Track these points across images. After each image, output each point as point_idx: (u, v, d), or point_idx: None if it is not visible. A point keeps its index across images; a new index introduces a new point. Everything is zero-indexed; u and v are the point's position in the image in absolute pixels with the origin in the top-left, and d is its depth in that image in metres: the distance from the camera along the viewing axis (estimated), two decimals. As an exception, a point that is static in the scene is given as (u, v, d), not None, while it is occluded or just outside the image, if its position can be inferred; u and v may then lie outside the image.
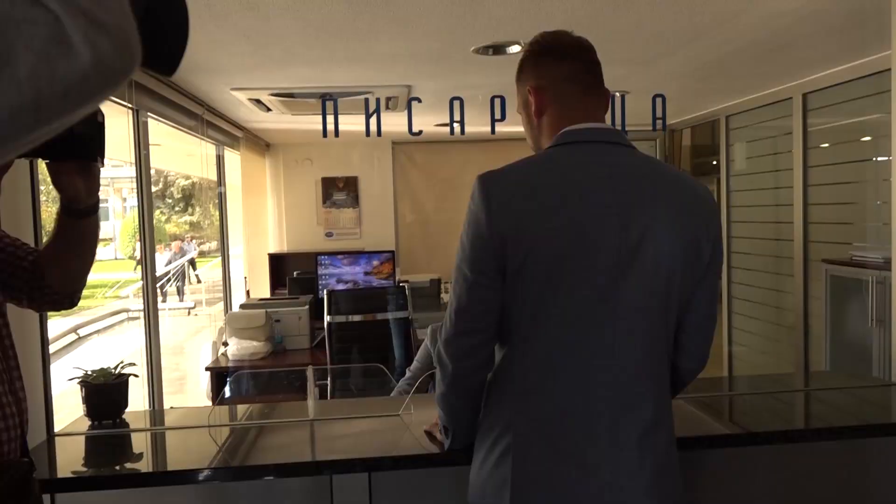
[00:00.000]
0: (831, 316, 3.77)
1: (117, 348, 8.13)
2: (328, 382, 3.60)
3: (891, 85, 2.11)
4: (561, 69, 1.40)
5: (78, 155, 1.18)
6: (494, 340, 1.36)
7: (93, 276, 1.41)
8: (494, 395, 1.37)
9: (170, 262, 12.85)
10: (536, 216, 1.28)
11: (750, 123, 4.68)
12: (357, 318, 3.93)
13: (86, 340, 8.85)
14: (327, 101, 2.51)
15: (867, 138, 3.70)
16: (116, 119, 3.12)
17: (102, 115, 1.16)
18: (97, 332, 9.53)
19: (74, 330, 8.98)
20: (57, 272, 1.33)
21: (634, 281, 1.28)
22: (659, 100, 2.64)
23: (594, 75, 1.42)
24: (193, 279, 13.89)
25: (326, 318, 3.90)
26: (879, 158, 3.55)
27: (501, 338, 1.35)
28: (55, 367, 1.93)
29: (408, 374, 2.66)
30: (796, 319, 4.11)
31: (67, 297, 1.38)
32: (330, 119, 2.45)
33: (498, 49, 3.01)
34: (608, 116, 2.58)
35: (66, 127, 0.51)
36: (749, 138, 4.75)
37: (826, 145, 3.99)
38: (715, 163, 5.65)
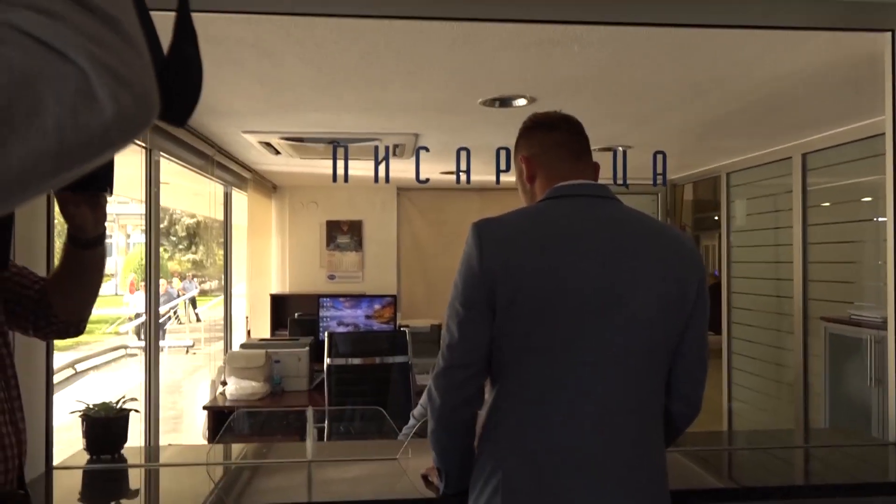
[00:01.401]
0: (830, 374, 3.76)
1: (115, 384, 8.07)
2: (326, 425, 3.59)
3: (885, 149, 2.17)
4: (550, 137, 1.52)
5: (87, 186, 1.21)
6: (483, 376, 1.40)
7: (93, 312, 1.43)
8: (486, 434, 1.40)
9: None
10: (525, 257, 1.35)
11: (751, 181, 4.75)
12: (357, 361, 3.93)
13: (83, 376, 8.80)
14: (338, 147, 2.57)
15: (868, 199, 3.76)
16: (129, 157, 3.19)
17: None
18: (95, 367, 9.48)
19: (72, 365, 8.94)
20: (63, 301, 1.36)
21: (619, 323, 1.34)
22: (659, 156, 2.70)
23: (582, 145, 1.53)
24: (193, 317, 13.87)
25: (326, 361, 3.90)
26: (880, 219, 3.60)
27: (492, 376, 1.40)
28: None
29: (412, 420, 2.65)
30: (796, 377, 4.10)
31: (73, 326, 1.41)
32: (340, 164, 2.51)
33: (504, 102, 3.09)
34: (610, 168, 2.66)
35: (83, 174, 0.54)
36: (750, 195, 4.82)
37: (826, 204, 4.04)
38: (716, 218, 5.71)
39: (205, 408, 4.09)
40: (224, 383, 4.16)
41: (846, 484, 1.85)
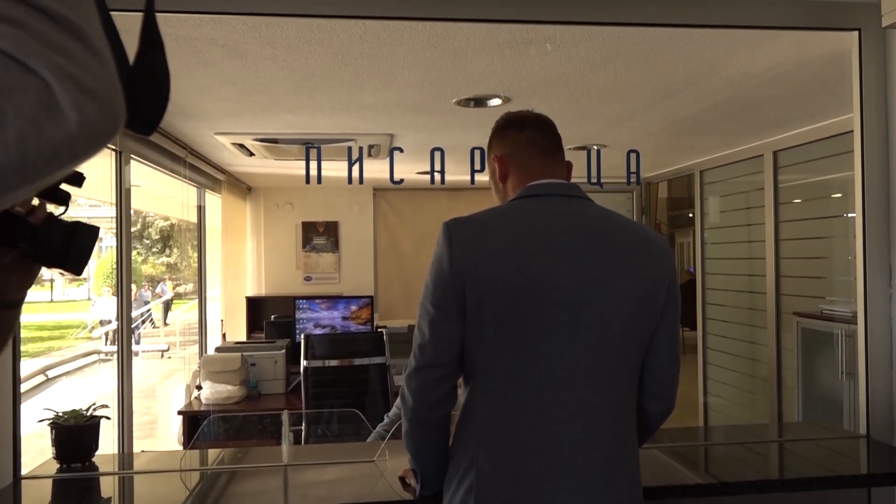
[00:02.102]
0: (803, 368, 3.82)
1: (87, 390, 7.95)
2: (303, 428, 3.56)
3: (854, 145, 2.20)
4: (522, 136, 1.53)
5: (35, 253, 0.96)
6: (455, 377, 1.40)
7: (64, 317, 1.38)
8: (459, 434, 1.40)
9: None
10: (495, 256, 1.35)
11: (723, 178, 4.81)
12: (334, 362, 3.91)
13: (55, 382, 8.66)
14: (311, 148, 2.55)
15: (838, 195, 3.82)
16: (98, 159, 3.13)
17: (90, 233, 0.99)
18: (67, 373, 9.32)
19: (43, 371, 8.79)
20: None
21: (590, 321, 1.34)
22: (633, 155, 2.72)
23: (553, 143, 1.53)
24: (168, 321, 13.71)
25: (303, 363, 3.87)
26: (849, 215, 3.66)
27: (465, 376, 1.40)
28: (22, 409, 1.90)
29: (385, 419, 2.64)
30: (769, 371, 4.16)
31: None
32: (313, 165, 2.49)
33: (479, 102, 3.09)
34: (585, 167, 2.67)
35: (48, 186, 0.52)
36: (723, 193, 4.88)
37: (798, 201, 4.10)
38: (690, 216, 5.77)
39: (180, 412, 4.04)
40: (199, 387, 4.12)
41: (820, 477, 1.88)
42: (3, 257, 0.96)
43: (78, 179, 1.10)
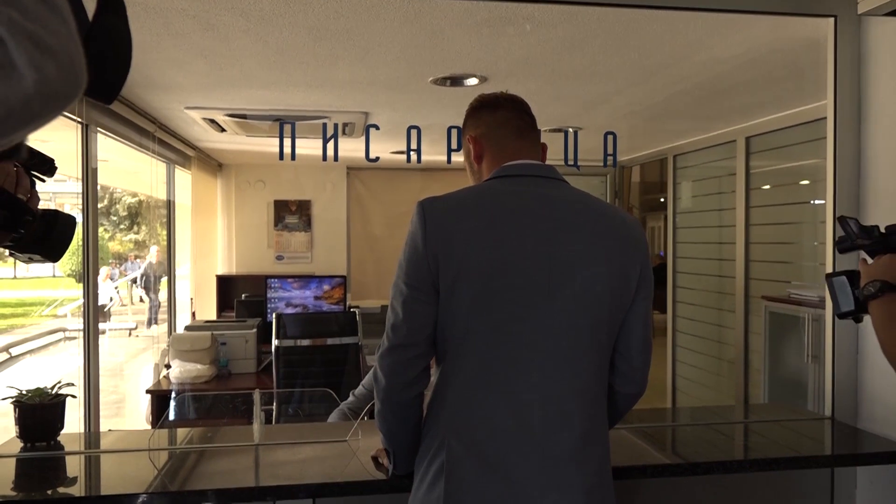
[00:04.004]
0: (770, 351, 3.89)
1: (53, 369, 7.81)
2: (274, 407, 3.54)
3: (826, 132, 2.22)
4: (495, 116, 1.53)
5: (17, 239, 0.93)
6: (428, 356, 1.39)
7: (29, 294, 1.35)
8: (431, 415, 1.40)
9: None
10: (469, 236, 1.34)
11: (696, 163, 4.85)
12: (306, 342, 3.88)
13: (18, 360, 8.49)
14: (284, 124, 2.51)
15: (805, 182, 3.87)
16: (63, 133, 3.05)
17: (68, 222, 0.97)
18: (31, 351, 9.15)
19: (6, 349, 8.62)
20: None
21: (563, 302, 1.34)
22: (610, 137, 2.72)
23: (527, 123, 1.53)
24: (136, 299, 13.51)
25: (274, 342, 3.84)
26: (817, 202, 3.72)
27: (437, 356, 1.40)
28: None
29: (351, 397, 2.63)
30: (737, 354, 4.23)
31: None
32: (287, 142, 2.45)
33: (456, 81, 3.06)
34: (561, 149, 2.67)
35: (5, 147, 0.50)
36: (695, 177, 4.92)
37: (767, 187, 4.16)
38: (662, 200, 5.82)
39: (148, 391, 3.99)
40: (168, 366, 4.06)
41: (785, 457, 1.92)
42: (2, 241, 0.94)
43: (49, 168, 1.06)
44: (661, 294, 5.04)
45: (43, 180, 1.04)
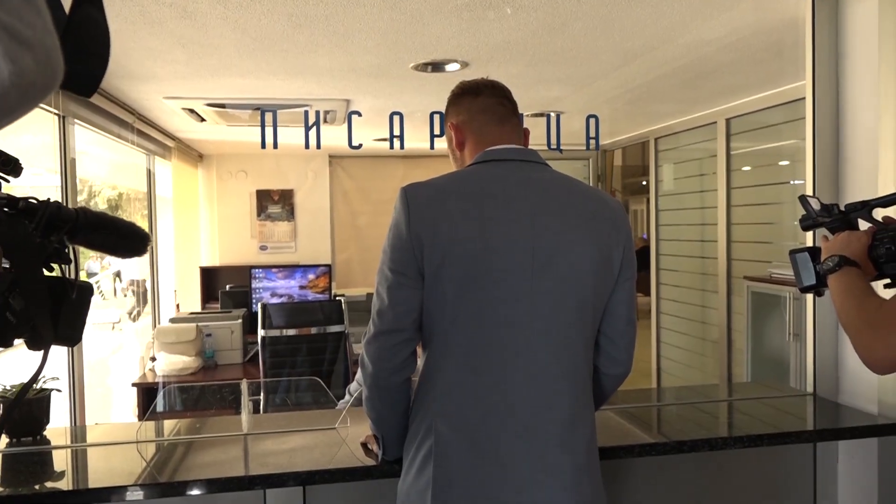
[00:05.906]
0: (752, 330, 3.94)
1: (36, 363, 7.71)
2: (262, 397, 3.53)
3: (805, 112, 2.24)
4: (477, 103, 1.53)
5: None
6: (415, 342, 1.40)
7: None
8: (418, 400, 1.41)
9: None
10: (453, 220, 1.34)
11: (677, 146, 4.87)
12: (292, 332, 3.88)
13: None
14: (266, 113, 2.49)
15: (785, 162, 3.91)
16: (40, 125, 3.01)
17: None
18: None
19: (-12, 345, 8.51)
20: None
21: (548, 284, 1.35)
22: (592, 120, 2.73)
23: (508, 110, 1.53)
24: (119, 292, 13.40)
25: (260, 332, 3.83)
26: (796, 182, 3.75)
27: (423, 341, 1.40)
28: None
29: (347, 395, 2.63)
30: (720, 334, 4.28)
31: None
32: (269, 131, 2.43)
33: (437, 66, 3.05)
34: (544, 134, 2.67)
35: None
36: (677, 160, 4.95)
37: (748, 168, 4.19)
38: (645, 183, 5.85)
39: (134, 384, 3.97)
40: (153, 359, 4.04)
41: (768, 434, 1.94)
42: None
43: (14, 168, 1.02)
44: (644, 277, 5.08)
45: (8, 181, 1.01)
